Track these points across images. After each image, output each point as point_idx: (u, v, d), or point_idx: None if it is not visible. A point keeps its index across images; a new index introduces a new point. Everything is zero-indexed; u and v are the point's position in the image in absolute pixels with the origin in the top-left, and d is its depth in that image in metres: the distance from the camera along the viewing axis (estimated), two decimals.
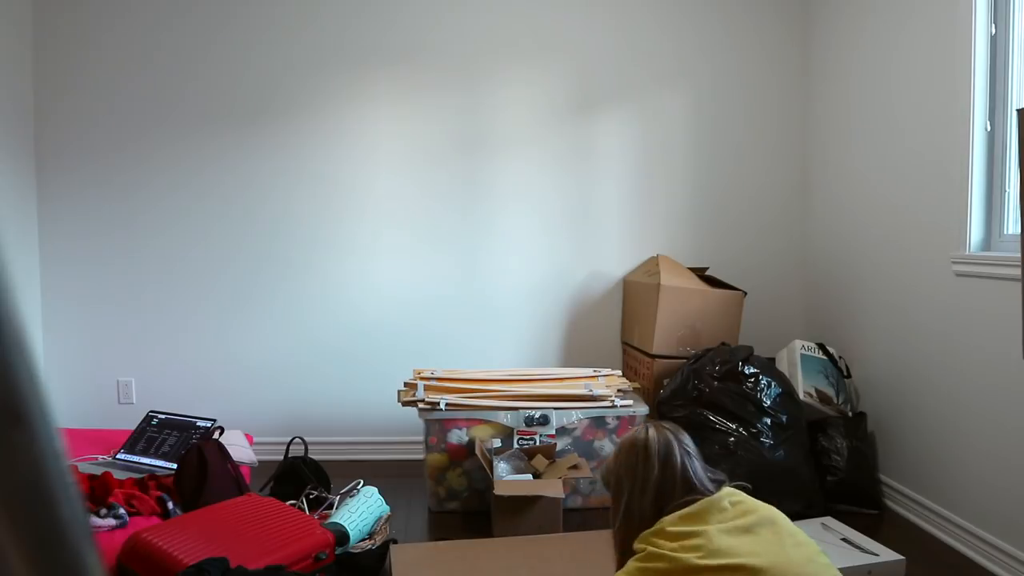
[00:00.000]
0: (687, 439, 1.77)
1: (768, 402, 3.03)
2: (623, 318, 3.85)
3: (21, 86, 3.61)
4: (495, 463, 2.95)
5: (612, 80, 3.81)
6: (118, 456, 3.17)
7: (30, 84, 3.68)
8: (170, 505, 2.68)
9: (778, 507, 3.00)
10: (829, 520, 2.87)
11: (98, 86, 3.71)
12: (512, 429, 3.10)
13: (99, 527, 2.47)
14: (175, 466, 2.85)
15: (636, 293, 3.68)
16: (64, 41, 3.69)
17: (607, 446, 3.17)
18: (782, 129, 3.89)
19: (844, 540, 2.71)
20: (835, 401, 3.29)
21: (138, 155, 3.74)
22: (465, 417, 3.10)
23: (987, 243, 2.72)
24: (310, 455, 3.13)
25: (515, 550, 2.62)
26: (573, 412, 3.13)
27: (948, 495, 2.84)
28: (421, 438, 3.25)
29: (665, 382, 3.30)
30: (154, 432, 3.25)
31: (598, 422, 3.16)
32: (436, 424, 3.10)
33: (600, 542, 2.67)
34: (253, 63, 3.73)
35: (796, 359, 3.37)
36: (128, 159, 3.73)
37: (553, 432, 3.10)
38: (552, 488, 2.86)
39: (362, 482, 2.94)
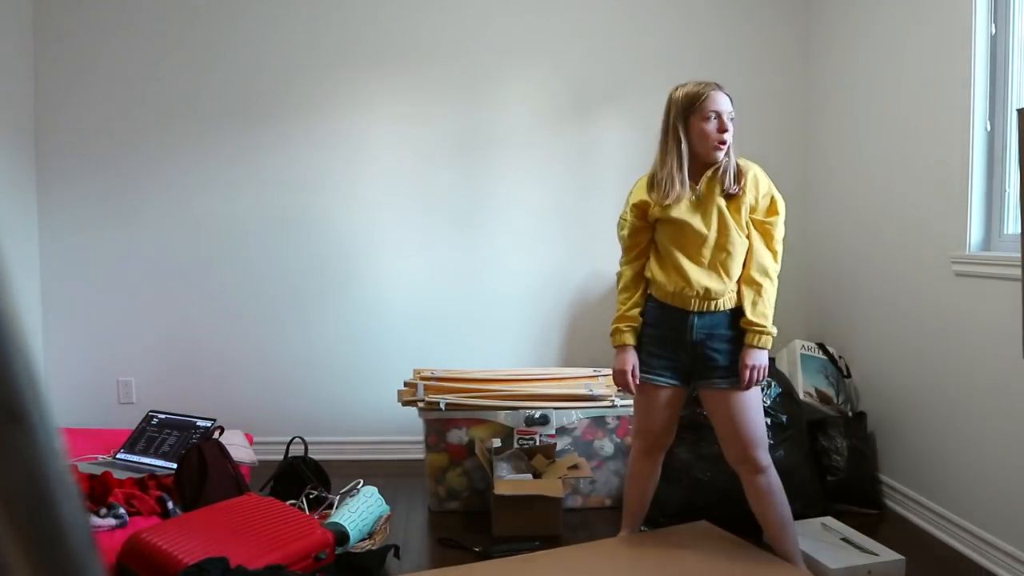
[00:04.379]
0: None
1: (768, 402, 3.03)
2: None
3: (22, 87, 3.61)
4: (495, 463, 2.95)
5: (612, 80, 3.81)
6: (118, 456, 3.17)
7: (31, 85, 3.67)
8: (170, 505, 2.68)
9: None
10: (829, 520, 2.87)
11: (98, 88, 3.71)
12: (512, 429, 3.10)
13: (99, 527, 2.47)
14: (175, 466, 2.85)
15: None
16: (64, 43, 3.69)
17: (607, 446, 3.17)
18: (782, 128, 3.89)
19: (844, 540, 2.71)
20: (835, 401, 3.29)
21: (138, 156, 3.73)
22: (465, 417, 3.10)
23: (987, 243, 2.72)
24: (310, 455, 3.13)
25: (511, 570, 2.53)
26: (573, 412, 3.13)
27: (948, 495, 2.84)
28: (421, 438, 3.24)
29: None
30: (154, 432, 3.25)
31: (598, 422, 3.16)
32: (436, 424, 3.10)
33: (598, 553, 2.60)
34: (254, 64, 3.72)
35: (796, 359, 3.37)
36: (128, 160, 3.73)
37: (553, 432, 3.10)
38: (552, 488, 2.86)
39: (362, 482, 2.94)
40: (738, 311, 2.37)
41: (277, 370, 3.80)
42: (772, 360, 3.40)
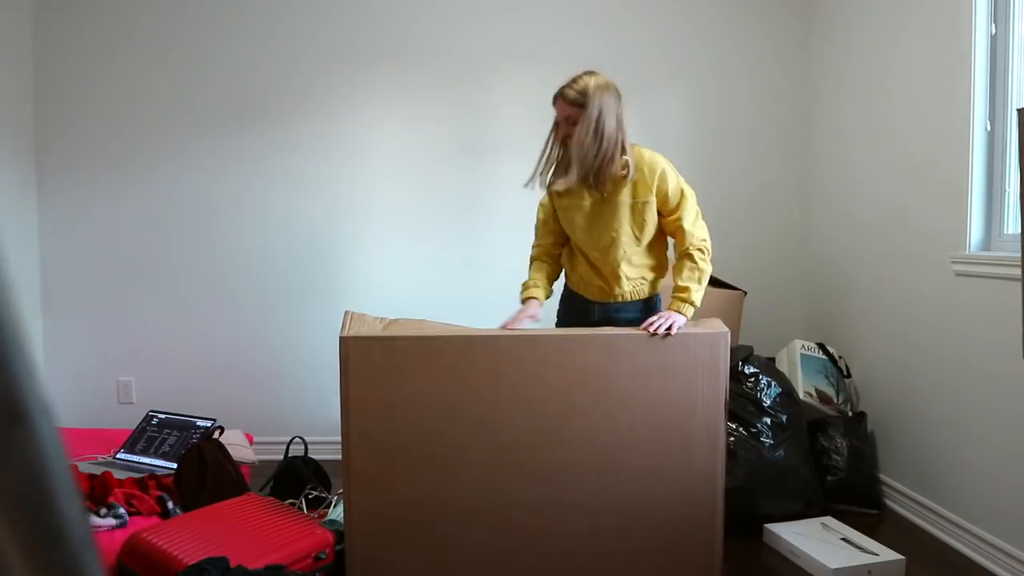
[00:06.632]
0: None
1: (768, 402, 3.03)
2: None
3: (22, 86, 3.61)
4: None
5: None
6: (118, 456, 3.17)
7: (31, 84, 3.67)
8: (170, 505, 2.68)
9: (778, 507, 3.00)
10: (829, 520, 2.87)
11: (98, 88, 3.71)
12: None
13: (99, 527, 2.47)
14: (175, 466, 2.85)
15: None
16: (64, 42, 3.69)
17: None
18: (782, 129, 3.89)
19: (844, 540, 2.71)
20: (835, 401, 3.29)
21: (139, 157, 3.73)
22: None
23: (987, 243, 2.72)
24: (310, 455, 3.13)
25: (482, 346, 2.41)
26: None
27: (948, 495, 2.84)
28: None
29: None
30: (154, 432, 3.25)
31: None
32: None
33: (572, 346, 2.47)
34: (254, 64, 3.72)
35: (796, 359, 3.37)
36: (128, 161, 3.73)
37: None
38: None
39: None
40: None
41: (277, 370, 3.80)
42: (772, 360, 3.41)
